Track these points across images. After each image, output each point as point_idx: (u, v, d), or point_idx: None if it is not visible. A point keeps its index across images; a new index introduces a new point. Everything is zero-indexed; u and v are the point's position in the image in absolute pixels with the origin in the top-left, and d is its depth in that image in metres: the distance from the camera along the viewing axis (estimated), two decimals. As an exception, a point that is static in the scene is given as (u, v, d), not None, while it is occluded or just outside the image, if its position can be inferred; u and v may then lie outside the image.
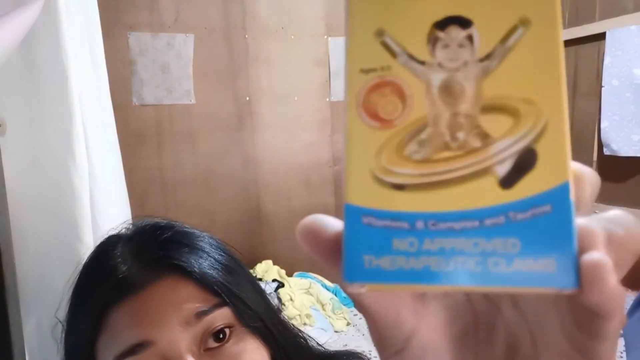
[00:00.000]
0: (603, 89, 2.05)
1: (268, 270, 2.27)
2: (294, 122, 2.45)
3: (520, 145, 0.16)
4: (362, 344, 1.83)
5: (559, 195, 0.16)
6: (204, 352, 0.44)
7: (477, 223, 0.16)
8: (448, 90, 0.17)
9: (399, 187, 0.17)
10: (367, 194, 0.17)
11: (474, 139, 0.17)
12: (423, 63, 0.17)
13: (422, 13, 0.17)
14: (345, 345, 1.80)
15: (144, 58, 2.15)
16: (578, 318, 0.16)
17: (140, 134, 2.18)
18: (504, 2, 0.16)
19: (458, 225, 0.16)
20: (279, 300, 1.99)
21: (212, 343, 0.45)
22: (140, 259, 0.47)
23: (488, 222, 0.16)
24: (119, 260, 0.47)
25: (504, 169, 0.16)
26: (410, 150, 0.17)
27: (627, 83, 1.96)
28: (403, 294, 0.19)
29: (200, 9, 2.23)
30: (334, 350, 0.58)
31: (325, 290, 2.21)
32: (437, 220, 0.16)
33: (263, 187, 2.43)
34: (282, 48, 2.39)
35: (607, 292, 0.15)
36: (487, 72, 0.17)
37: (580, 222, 0.16)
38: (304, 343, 0.55)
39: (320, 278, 2.28)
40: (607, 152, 2.06)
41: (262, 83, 2.37)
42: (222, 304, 0.46)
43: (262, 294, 0.53)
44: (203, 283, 0.46)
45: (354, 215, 0.17)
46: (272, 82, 2.39)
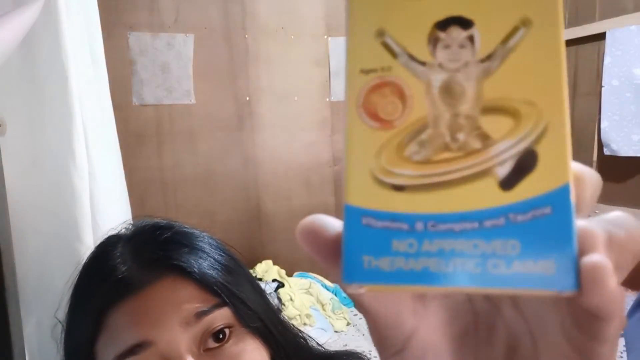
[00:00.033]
0: (603, 89, 2.05)
1: (268, 270, 2.27)
2: (294, 122, 2.45)
3: (521, 147, 0.16)
4: (362, 344, 1.83)
5: (559, 197, 0.16)
6: (204, 352, 0.44)
7: (476, 224, 0.16)
8: (448, 91, 0.17)
9: (399, 188, 0.17)
10: (366, 195, 0.17)
11: (474, 140, 0.16)
12: (424, 63, 0.17)
13: (423, 13, 0.17)
14: (345, 345, 1.80)
15: (144, 58, 2.15)
16: (578, 320, 0.16)
17: (140, 134, 2.18)
18: (506, 2, 0.16)
19: (458, 227, 0.16)
20: (279, 300, 1.98)
21: (211, 343, 0.45)
22: (140, 259, 0.47)
23: (488, 223, 0.16)
24: (119, 261, 0.47)
25: (504, 171, 0.16)
26: (411, 151, 0.17)
27: (627, 83, 1.96)
28: (403, 294, 0.19)
29: (200, 9, 2.23)
30: (334, 350, 0.58)
31: (325, 290, 2.21)
32: (436, 222, 0.16)
33: (263, 187, 2.43)
34: (282, 48, 2.38)
35: (606, 294, 0.15)
36: (488, 73, 0.16)
37: (581, 223, 0.16)
38: (304, 343, 0.55)
39: (320, 278, 2.28)
40: (607, 152, 2.06)
41: (262, 83, 2.37)
42: (221, 304, 0.46)
43: (262, 294, 0.53)
44: (203, 283, 0.46)
45: (354, 216, 0.17)
46: (272, 82, 2.39)
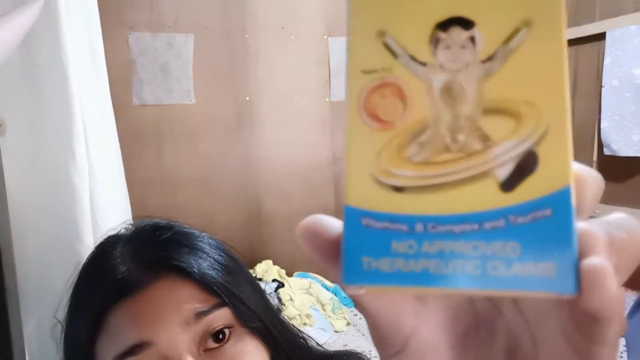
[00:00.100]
0: (603, 89, 2.05)
1: (268, 270, 2.27)
2: (294, 122, 2.45)
3: (522, 149, 0.16)
4: (362, 344, 1.83)
5: (560, 200, 0.15)
6: (204, 352, 0.44)
7: (476, 226, 0.16)
8: (449, 92, 0.17)
9: (399, 189, 0.17)
10: (366, 196, 0.17)
11: (475, 142, 0.16)
12: (424, 64, 0.17)
13: (424, 14, 0.17)
14: (345, 345, 1.80)
15: (144, 58, 2.15)
16: (578, 322, 0.16)
17: (140, 134, 2.18)
18: (507, 3, 0.16)
19: (457, 228, 0.16)
20: (279, 300, 1.99)
21: (211, 343, 0.45)
22: (140, 260, 0.47)
23: (488, 225, 0.16)
24: (118, 261, 0.47)
25: (505, 172, 0.16)
26: (411, 152, 0.17)
27: (627, 83, 1.96)
28: (403, 295, 0.19)
29: (200, 9, 2.23)
30: (334, 350, 0.58)
31: (325, 290, 2.21)
32: (436, 223, 0.16)
33: (263, 187, 2.43)
34: (282, 48, 2.38)
35: (606, 297, 0.15)
36: (489, 74, 0.16)
37: (582, 225, 0.16)
38: (304, 343, 0.55)
39: (320, 278, 2.28)
40: (607, 152, 2.06)
41: (262, 83, 2.37)
42: (221, 305, 0.46)
43: (261, 294, 0.53)
44: (202, 283, 0.46)
45: (353, 217, 0.17)
46: (272, 82, 2.39)
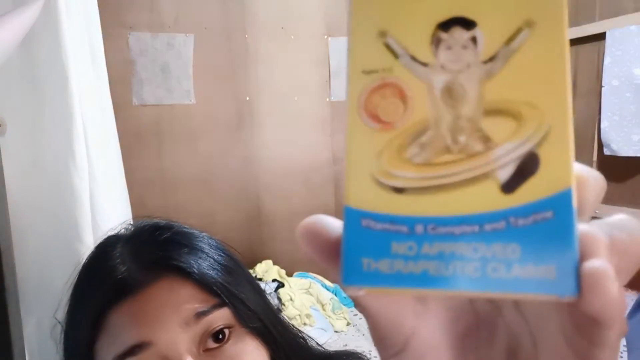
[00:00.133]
0: (603, 89, 2.05)
1: (268, 270, 2.26)
2: (294, 122, 2.45)
3: (523, 150, 0.16)
4: (362, 344, 1.83)
5: (561, 202, 0.15)
6: (203, 352, 0.44)
7: (477, 228, 0.16)
8: (450, 93, 0.16)
9: (399, 190, 0.16)
10: (366, 197, 0.16)
11: (476, 143, 0.16)
12: (425, 65, 0.17)
13: (425, 14, 0.17)
14: (345, 345, 1.80)
15: (144, 58, 2.15)
16: (578, 324, 0.16)
17: (140, 134, 2.18)
18: (509, 3, 0.16)
19: (458, 230, 0.16)
20: (279, 300, 1.99)
21: (211, 344, 0.45)
22: (140, 260, 0.47)
23: (488, 227, 0.16)
24: (118, 261, 0.47)
25: (506, 174, 0.16)
26: (411, 153, 0.17)
27: (627, 83, 1.96)
28: (403, 295, 0.19)
29: (200, 9, 2.23)
30: (334, 350, 0.58)
31: (325, 290, 2.21)
32: (436, 225, 0.16)
33: (263, 187, 2.43)
34: (282, 48, 2.38)
35: (607, 300, 0.15)
36: (490, 74, 0.16)
37: (583, 228, 0.15)
38: (304, 343, 0.55)
39: (320, 278, 2.28)
40: (607, 152, 2.05)
41: (262, 83, 2.37)
42: (221, 305, 0.46)
43: (261, 294, 0.53)
44: (202, 283, 0.46)
45: (353, 218, 0.16)
46: (272, 82, 2.39)
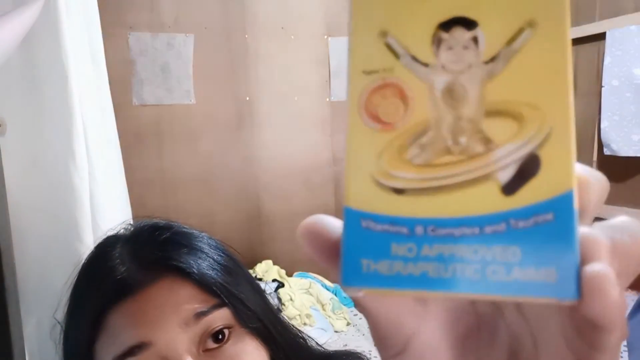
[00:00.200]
0: (603, 89, 2.05)
1: (268, 270, 2.26)
2: (294, 122, 2.45)
3: (524, 151, 0.16)
4: (362, 344, 1.83)
5: (562, 204, 0.15)
6: (203, 352, 0.44)
7: (477, 230, 0.16)
8: (451, 93, 0.16)
9: (399, 191, 0.16)
10: (366, 198, 0.16)
11: (477, 144, 0.16)
12: (426, 65, 0.16)
13: (426, 14, 0.16)
14: (345, 345, 1.80)
15: (144, 58, 2.15)
16: (579, 328, 0.16)
17: (140, 134, 2.18)
18: (511, 3, 0.16)
19: (458, 232, 0.16)
20: (279, 300, 1.98)
21: (211, 344, 0.44)
22: (139, 260, 0.47)
23: (488, 229, 0.16)
24: (118, 261, 0.47)
25: (507, 176, 0.16)
26: (412, 154, 0.16)
27: (627, 83, 1.96)
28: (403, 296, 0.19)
29: (200, 9, 2.23)
30: (334, 350, 0.58)
31: (325, 290, 2.20)
32: (436, 226, 0.16)
33: (263, 187, 2.43)
34: (282, 48, 2.38)
35: (608, 304, 0.14)
36: (491, 75, 0.16)
37: (584, 230, 0.15)
38: (304, 343, 0.55)
39: (320, 278, 2.28)
40: (607, 152, 2.05)
41: (262, 83, 2.37)
42: (221, 305, 0.45)
43: (261, 295, 0.53)
44: (202, 284, 0.46)
45: (353, 219, 0.16)
46: (272, 82, 2.38)
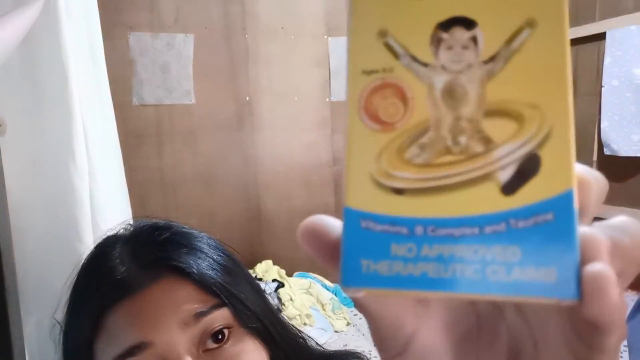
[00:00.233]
0: (603, 89, 2.04)
1: (268, 270, 2.26)
2: (294, 122, 2.45)
3: (524, 151, 0.16)
4: (362, 344, 1.83)
5: (562, 203, 0.15)
6: (203, 353, 0.44)
7: (477, 230, 0.16)
8: (451, 93, 0.16)
9: (399, 191, 0.16)
10: (366, 198, 0.16)
11: (476, 144, 0.16)
12: (426, 65, 0.16)
13: (425, 13, 0.16)
14: (345, 345, 1.80)
15: (144, 58, 2.15)
16: (578, 328, 0.16)
17: (140, 134, 2.18)
18: (510, 2, 0.16)
19: (458, 232, 0.16)
20: (279, 300, 1.98)
21: (210, 344, 0.44)
22: (139, 260, 0.47)
23: (488, 229, 0.16)
24: (117, 262, 0.47)
25: (507, 175, 0.16)
26: (411, 154, 0.16)
27: (627, 83, 1.96)
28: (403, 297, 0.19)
29: (200, 9, 2.23)
30: (334, 350, 0.58)
31: (325, 290, 2.21)
32: (436, 226, 0.16)
33: (263, 187, 2.43)
34: (282, 48, 2.38)
35: (608, 305, 0.14)
36: (491, 74, 0.16)
37: (584, 230, 0.15)
38: (303, 343, 0.55)
39: (320, 278, 2.28)
40: (607, 152, 2.05)
41: (262, 83, 2.37)
42: (220, 305, 0.45)
43: (261, 295, 0.53)
44: (201, 284, 0.46)
45: (353, 219, 0.16)
46: (272, 82, 2.39)
